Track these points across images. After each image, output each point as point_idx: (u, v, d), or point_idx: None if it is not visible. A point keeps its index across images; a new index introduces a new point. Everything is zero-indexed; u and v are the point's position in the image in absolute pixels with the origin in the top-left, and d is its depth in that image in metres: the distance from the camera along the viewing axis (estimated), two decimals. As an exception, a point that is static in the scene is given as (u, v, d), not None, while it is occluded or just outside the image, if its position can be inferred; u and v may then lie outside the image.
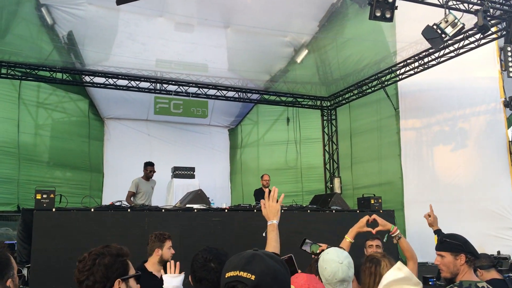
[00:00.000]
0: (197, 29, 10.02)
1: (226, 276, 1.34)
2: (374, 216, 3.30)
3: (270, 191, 2.59)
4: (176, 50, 10.54)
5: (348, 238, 3.21)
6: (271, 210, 2.51)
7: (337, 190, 12.20)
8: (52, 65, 10.49)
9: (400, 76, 10.67)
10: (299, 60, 11.30)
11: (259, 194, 9.30)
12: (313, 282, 1.94)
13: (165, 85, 11.73)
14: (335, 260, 2.25)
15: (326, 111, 13.65)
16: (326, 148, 13.53)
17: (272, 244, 2.38)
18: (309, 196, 11.04)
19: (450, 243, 2.87)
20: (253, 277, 1.30)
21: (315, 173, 13.51)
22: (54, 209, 5.86)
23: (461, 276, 2.76)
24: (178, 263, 2.95)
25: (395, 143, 10.99)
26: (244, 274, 1.30)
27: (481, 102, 9.50)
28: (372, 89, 11.49)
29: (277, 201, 2.57)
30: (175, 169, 9.98)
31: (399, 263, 1.73)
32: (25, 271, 5.54)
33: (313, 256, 3.00)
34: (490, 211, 8.82)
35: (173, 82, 11.70)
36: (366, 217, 3.29)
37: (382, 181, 11.20)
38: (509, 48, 7.50)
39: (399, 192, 10.58)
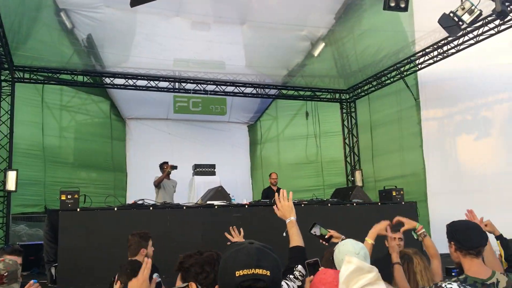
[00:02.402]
0: (213, 27, 10.09)
1: (237, 275, 1.26)
2: (398, 218, 3.22)
3: (278, 193, 2.63)
4: (193, 49, 10.60)
5: (370, 240, 3.08)
6: (286, 209, 2.55)
7: (358, 183, 12.13)
8: (73, 68, 10.73)
9: (419, 66, 10.52)
10: (316, 53, 11.22)
11: (268, 194, 9.11)
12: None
13: (183, 84, 11.83)
14: (351, 251, 2.27)
15: (345, 104, 13.56)
16: (346, 141, 13.46)
17: (295, 239, 2.43)
18: (330, 190, 11.00)
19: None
20: (268, 273, 1.26)
21: (336, 167, 13.45)
22: (78, 209, 6.01)
23: (467, 269, 2.48)
24: None
25: (416, 134, 10.85)
26: (260, 271, 1.25)
27: (504, 89, 9.31)
28: (392, 80, 11.37)
29: (288, 200, 2.59)
30: (196, 166, 10.09)
31: (346, 256, 1.65)
32: (53, 270, 5.70)
33: (320, 241, 3.04)
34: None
35: (191, 81, 11.79)
36: (386, 222, 3.16)
37: (404, 173, 11.07)
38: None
39: (421, 184, 10.47)
